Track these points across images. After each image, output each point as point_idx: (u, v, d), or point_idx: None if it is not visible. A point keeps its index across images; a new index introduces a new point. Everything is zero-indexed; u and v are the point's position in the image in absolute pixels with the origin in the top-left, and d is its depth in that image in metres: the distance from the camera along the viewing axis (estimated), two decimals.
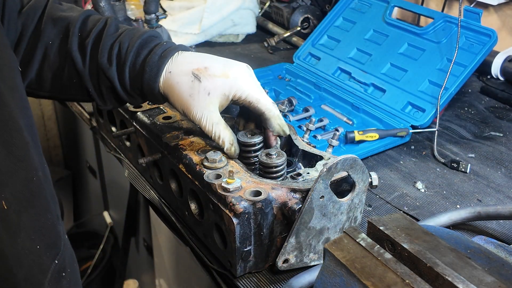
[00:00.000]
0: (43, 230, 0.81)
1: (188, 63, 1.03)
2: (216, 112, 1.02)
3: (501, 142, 1.46)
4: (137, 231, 1.70)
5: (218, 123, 1.01)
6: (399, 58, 1.62)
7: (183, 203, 1.13)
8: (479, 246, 0.79)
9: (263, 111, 1.03)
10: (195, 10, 2.07)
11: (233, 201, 0.94)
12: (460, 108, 1.64)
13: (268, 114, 1.03)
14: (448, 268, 0.66)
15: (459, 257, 0.69)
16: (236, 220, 0.93)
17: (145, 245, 1.67)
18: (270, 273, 1.03)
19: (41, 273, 0.80)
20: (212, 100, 1.00)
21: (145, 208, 1.54)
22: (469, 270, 0.67)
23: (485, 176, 1.32)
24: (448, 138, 1.48)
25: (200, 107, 1.00)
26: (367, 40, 1.72)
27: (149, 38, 1.06)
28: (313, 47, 1.84)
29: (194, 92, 1.01)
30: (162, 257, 1.49)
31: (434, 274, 0.66)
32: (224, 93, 1.01)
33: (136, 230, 1.71)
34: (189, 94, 1.01)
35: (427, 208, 1.21)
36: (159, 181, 1.22)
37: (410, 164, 1.38)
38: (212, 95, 1.00)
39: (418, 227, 0.75)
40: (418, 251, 0.69)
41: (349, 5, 1.84)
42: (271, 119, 1.03)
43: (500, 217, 1.09)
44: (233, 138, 1.04)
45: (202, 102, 1.00)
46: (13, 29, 1.03)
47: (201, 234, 1.10)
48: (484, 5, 1.82)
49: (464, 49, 1.51)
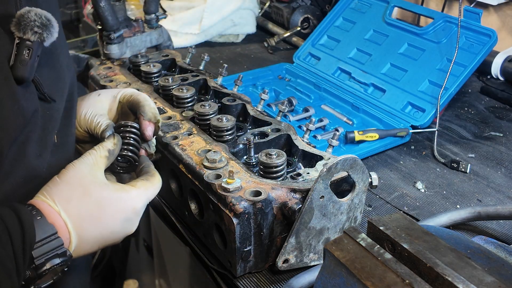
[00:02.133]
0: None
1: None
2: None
3: (501, 142, 1.46)
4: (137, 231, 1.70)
5: (101, 114, 1.07)
6: (399, 58, 1.62)
7: (183, 203, 1.13)
8: (479, 246, 0.79)
9: (140, 100, 1.07)
10: (195, 10, 2.07)
11: (233, 201, 0.94)
12: (460, 108, 1.64)
13: (144, 102, 1.06)
14: (448, 268, 0.66)
15: (459, 257, 0.69)
16: (236, 220, 0.93)
17: (145, 245, 1.67)
18: (270, 273, 1.03)
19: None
20: (101, 99, 1.09)
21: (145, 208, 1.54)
22: (469, 270, 0.67)
23: (485, 176, 1.32)
24: (448, 138, 1.48)
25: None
26: (367, 40, 1.72)
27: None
28: (313, 47, 1.84)
29: (85, 96, 1.10)
30: (162, 257, 1.49)
31: (434, 274, 0.66)
32: (113, 94, 1.09)
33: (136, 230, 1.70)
34: (80, 98, 1.08)
35: (427, 208, 1.21)
36: None
37: (410, 164, 1.38)
38: (101, 95, 1.10)
39: (418, 227, 0.75)
40: (418, 251, 0.69)
41: (349, 5, 1.84)
42: (145, 106, 1.06)
43: (500, 217, 1.09)
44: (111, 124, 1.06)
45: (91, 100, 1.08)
46: None
47: (201, 234, 1.10)
48: (484, 5, 1.82)
49: (464, 49, 1.51)
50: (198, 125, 1.22)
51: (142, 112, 1.05)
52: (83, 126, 1.05)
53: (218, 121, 1.15)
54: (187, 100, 1.30)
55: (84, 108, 1.05)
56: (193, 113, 1.25)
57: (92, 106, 1.06)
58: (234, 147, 1.14)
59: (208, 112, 1.21)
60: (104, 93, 1.10)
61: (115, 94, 1.09)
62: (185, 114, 1.26)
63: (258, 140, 1.14)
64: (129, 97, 1.08)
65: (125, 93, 1.09)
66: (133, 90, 1.10)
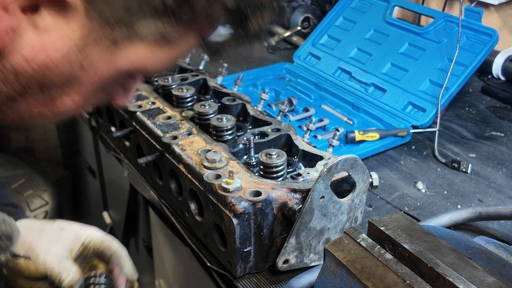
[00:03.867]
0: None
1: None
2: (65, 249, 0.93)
3: (502, 142, 1.45)
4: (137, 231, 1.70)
5: (66, 258, 0.91)
6: (399, 58, 1.61)
7: (183, 203, 1.13)
8: (480, 246, 0.79)
9: (116, 250, 0.97)
10: None
11: (233, 201, 0.93)
12: (461, 108, 1.63)
13: (120, 253, 0.97)
14: (449, 269, 0.66)
15: (460, 257, 0.69)
16: (236, 220, 0.93)
17: (144, 246, 1.66)
18: (270, 273, 1.03)
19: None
20: (63, 237, 0.94)
21: (145, 209, 1.54)
22: (470, 271, 0.66)
23: (486, 176, 1.31)
24: (449, 138, 1.48)
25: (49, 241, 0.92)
26: (367, 40, 1.72)
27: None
28: (313, 47, 1.84)
29: (45, 227, 0.95)
30: (162, 257, 1.49)
31: (435, 275, 0.66)
32: (78, 233, 0.96)
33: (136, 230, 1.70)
34: (39, 229, 0.94)
35: (428, 209, 1.21)
36: (159, 181, 1.22)
37: (410, 164, 1.37)
38: (64, 231, 0.95)
39: (418, 227, 0.75)
40: (419, 252, 0.69)
41: (349, 5, 1.83)
42: (123, 258, 0.96)
43: (501, 217, 1.09)
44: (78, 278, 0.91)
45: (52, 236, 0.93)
46: None
47: (201, 234, 1.09)
48: (485, 4, 1.82)
49: (465, 49, 1.50)
50: (198, 125, 1.22)
51: (118, 264, 0.95)
52: (40, 269, 0.90)
53: (218, 121, 1.15)
54: (187, 100, 1.30)
55: (43, 245, 0.90)
56: (193, 113, 1.25)
57: (53, 244, 0.92)
58: (234, 147, 1.14)
59: (208, 112, 1.21)
60: (67, 229, 0.96)
61: (80, 234, 0.96)
62: (185, 114, 1.26)
63: (258, 140, 1.14)
64: (99, 244, 0.96)
65: (93, 238, 0.96)
66: (103, 236, 0.98)
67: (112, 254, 0.95)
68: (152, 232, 1.51)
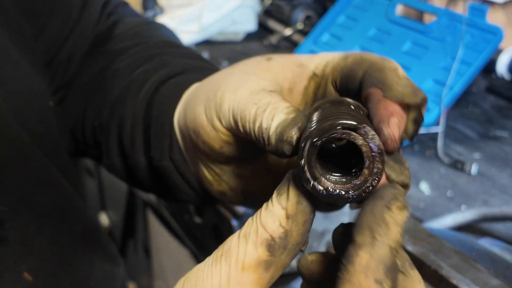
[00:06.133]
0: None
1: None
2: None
3: (507, 142, 1.44)
4: (135, 233, 1.69)
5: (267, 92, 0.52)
6: (402, 57, 1.60)
7: (182, 205, 1.12)
8: (484, 248, 0.79)
9: (377, 62, 0.54)
10: (194, 8, 2.06)
11: None
12: (465, 107, 1.62)
13: (380, 65, 0.53)
14: (452, 271, 0.65)
15: (464, 259, 0.68)
16: (236, 221, 0.92)
17: (143, 247, 1.66)
18: None
19: None
20: (272, 68, 0.57)
21: (143, 210, 1.53)
22: (474, 273, 0.66)
23: (491, 177, 1.30)
24: (452, 138, 1.47)
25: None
26: (370, 38, 1.71)
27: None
28: (314, 45, 1.82)
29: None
30: (161, 259, 1.48)
31: (438, 277, 0.65)
32: (300, 62, 0.58)
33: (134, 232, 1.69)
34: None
35: (431, 210, 1.19)
36: None
37: (413, 164, 1.36)
38: (273, 62, 0.58)
39: (422, 228, 0.74)
40: (422, 254, 0.68)
41: (351, 2, 1.82)
42: (387, 71, 0.51)
43: (506, 218, 1.08)
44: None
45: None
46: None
47: (200, 236, 1.08)
48: (489, 2, 1.80)
49: (469, 47, 1.49)
50: None
51: (381, 85, 0.50)
52: (226, 120, 0.54)
53: None
54: None
55: (232, 84, 0.54)
56: None
57: (252, 81, 0.53)
58: None
59: None
60: (278, 58, 0.58)
61: (305, 62, 0.57)
62: None
63: None
64: (341, 64, 0.54)
65: (336, 61, 0.55)
66: (344, 54, 0.56)
67: (368, 70, 0.52)
68: (151, 234, 1.50)
